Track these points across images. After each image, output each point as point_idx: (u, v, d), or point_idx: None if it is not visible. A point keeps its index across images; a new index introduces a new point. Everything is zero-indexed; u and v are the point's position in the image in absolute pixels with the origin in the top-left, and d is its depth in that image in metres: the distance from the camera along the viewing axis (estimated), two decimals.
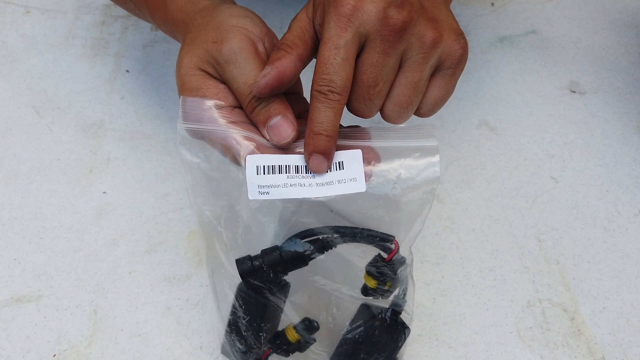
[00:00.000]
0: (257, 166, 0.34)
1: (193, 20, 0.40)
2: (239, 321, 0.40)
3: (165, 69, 0.68)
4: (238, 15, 0.37)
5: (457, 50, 0.34)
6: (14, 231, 0.55)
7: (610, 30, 0.75)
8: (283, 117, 0.34)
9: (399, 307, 0.39)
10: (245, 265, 0.37)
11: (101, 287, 0.52)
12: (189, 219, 0.56)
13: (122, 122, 0.63)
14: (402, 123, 0.36)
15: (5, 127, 0.63)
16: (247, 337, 0.40)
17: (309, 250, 0.36)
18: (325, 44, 0.32)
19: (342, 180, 0.34)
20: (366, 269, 0.38)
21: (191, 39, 0.38)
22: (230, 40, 0.35)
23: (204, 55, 0.36)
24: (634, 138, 0.64)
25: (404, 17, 0.32)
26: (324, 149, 0.33)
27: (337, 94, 0.32)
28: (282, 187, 0.33)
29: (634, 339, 0.50)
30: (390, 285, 0.38)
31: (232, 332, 0.41)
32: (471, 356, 0.49)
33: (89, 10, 0.75)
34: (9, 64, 0.69)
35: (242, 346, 0.41)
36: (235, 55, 0.35)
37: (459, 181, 0.60)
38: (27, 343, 0.49)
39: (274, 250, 0.36)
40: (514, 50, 0.72)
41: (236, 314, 0.40)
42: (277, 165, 0.34)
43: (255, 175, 0.33)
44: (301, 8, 0.36)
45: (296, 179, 0.34)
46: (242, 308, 0.39)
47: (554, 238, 0.56)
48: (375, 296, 0.38)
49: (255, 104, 0.35)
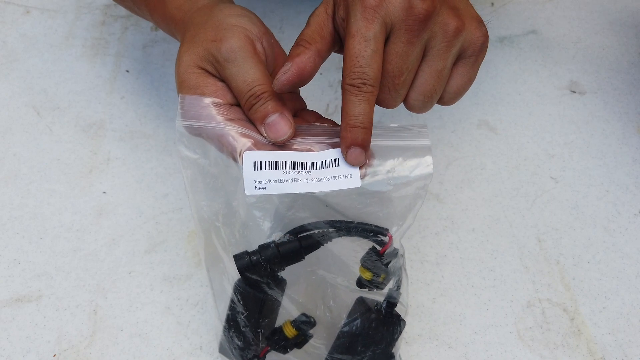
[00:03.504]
0: (254, 162, 0.34)
1: (192, 19, 0.40)
2: (238, 316, 0.40)
3: (165, 69, 0.68)
4: (237, 15, 0.38)
5: (479, 37, 0.35)
6: (14, 231, 0.55)
7: (610, 30, 0.75)
8: (280, 114, 0.35)
9: (393, 299, 0.40)
10: (244, 260, 0.37)
11: (101, 287, 0.52)
12: (188, 219, 0.56)
13: (122, 122, 0.63)
14: (425, 112, 0.36)
15: (5, 127, 0.63)
16: (245, 332, 0.40)
17: (306, 245, 0.37)
18: (354, 37, 0.32)
19: (338, 176, 0.35)
20: (361, 261, 0.38)
21: (190, 37, 0.38)
22: (230, 39, 0.36)
23: (204, 53, 0.36)
24: (633, 138, 0.64)
25: (428, 7, 0.32)
26: (362, 141, 0.34)
27: (370, 85, 0.32)
28: (279, 182, 0.34)
29: (634, 339, 0.50)
30: (384, 278, 0.38)
31: (230, 329, 0.41)
32: (471, 356, 0.49)
33: (89, 10, 0.75)
34: (9, 63, 0.69)
35: (240, 342, 0.41)
36: (235, 53, 0.35)
37: (459, 181, 0.60)
38: (27, 343, 0.49)
39: (271, 245, 0.37)
40: (514, 50, 0.72)
41: (234, 309, 0.40)
42: (273, 161, 0.34)
43: (252, 171, 0.34)
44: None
45: (292, 175, 0.34)
46: (240, 303, 0.39)
47: (554, 238, 0.56)
48: (370, 288, 0.39)
49: (253, 102, 0.35)
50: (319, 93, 0.66)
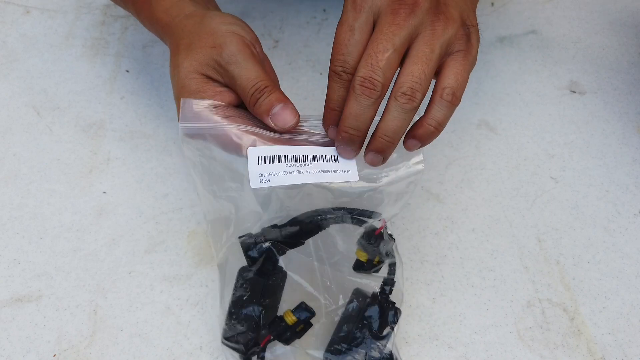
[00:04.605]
0: (259, 157, 0.36)
1: (181, 26, 0.42)
2: (241, 300, 0.41)
3: (165, 69, 0.68)
4: (230, 23, 0.40)
5: (462, 35, 0.37)
6: (14, 231, 0.55)
7: (610, 30, 0.75)
8: (285, 104, 0.37)
9: (388, 284, 0.43)
10: (248, 240, 0.39)
11: (101, 287, 0.52)
12: (189, 219, 0.56)
13: (122, 122, 0.63)
14: (419, 99, 0.36)
15: (5, 127, 0.63)
16: (247, 314, 0.41)
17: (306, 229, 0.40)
18: (342, 26, 0.35)
19: (337, 170, 0.37)
20: (357, 243, 0.42)
21: (186, 45, 0.40)
22: (229, 45, 0.38)
23: (204, 59, 0.39)
24: (633, 138, 0.64)
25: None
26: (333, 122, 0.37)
27: (350, 73, 0.35)
28: (282, 174, 0.36)
29: (634, 339, 0.50)
30: (378, 260, 0.41)
31: (233, 314, 0.42)
32: (471, 356, 0.49)
33: (89, 10, 0.75)
34: (9, 64, 0.69)
35: (243, 327, 0.41)
36: (236, 56, 0.38)
37: (459, 181, 0.60)
38: (27, 343, 0.49)
39: (274, 228, 0.39)
40: (514, 50, 0.72)
41: (238, 293, 0.41)
42: (276, 155, 0.36)
43: (257, 165, 0.36)
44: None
45: (295, 167, 0.36)
46: (243, 287, 0.41)
47: (554, 238, 0.56)
48: (366, 270, 0.41)
49: (257, 96, 0.37)
50: (319, 93, 0.66)
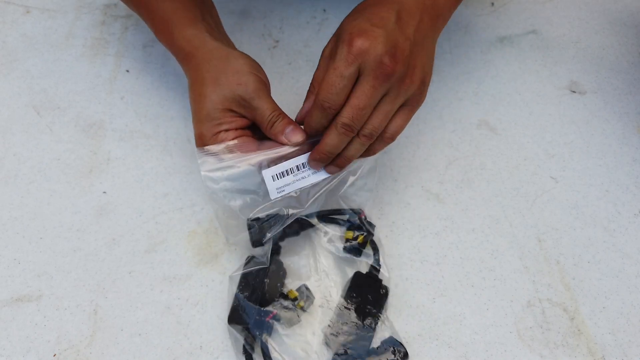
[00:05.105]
0: (272, 176, 0.48)
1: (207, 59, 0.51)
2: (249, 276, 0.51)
3: (165, 69, 0.68)
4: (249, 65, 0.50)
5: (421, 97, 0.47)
6: (14, 231, 0.55)
7: (610, 30, 0.75)
8: (294, 126, 0.48)
9: (375, 265, 0.53)
10: (254, 223, 0.50)
11: (101, 287, 0.52)
12: (189, 219, 0.56)
13: (122, 122, 0.64)
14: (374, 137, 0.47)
15: (5, 127, 0.63)
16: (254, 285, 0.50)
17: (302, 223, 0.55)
18: (335, 70, 0.43)
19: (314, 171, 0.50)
20: (346, 226, 0.55)
21: (213, 80, 0.49)
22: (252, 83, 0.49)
23: (230, 94, 0.48)
24: (634, 138, 0.64)
25: (394, 67, 0.43)
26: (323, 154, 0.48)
27: (333, 110, 0.45)
28: (292, 183, 0.49)
29: (634, 339, 0.50)
30: (362, 239, 0.53)
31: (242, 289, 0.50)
32: (471, 356, 0.49)
33: (89, 10, 0.75)
34: (9, 63, 0.69)
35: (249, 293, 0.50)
36: (257, 92, 0.49)
37: (459, 181, 0.60)
38: (27, 343, 0.49)
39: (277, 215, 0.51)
40: (514, 50, 0.72)
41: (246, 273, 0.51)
42: (284, 170, 0.48)
43: (272, 182, 0.48)
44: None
45: (299, 175, 0.49)
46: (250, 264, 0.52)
47: (554, 238, 0.56)
48: (352, 247, 0.53)
49: (274, 120, 0.48)
50: None
